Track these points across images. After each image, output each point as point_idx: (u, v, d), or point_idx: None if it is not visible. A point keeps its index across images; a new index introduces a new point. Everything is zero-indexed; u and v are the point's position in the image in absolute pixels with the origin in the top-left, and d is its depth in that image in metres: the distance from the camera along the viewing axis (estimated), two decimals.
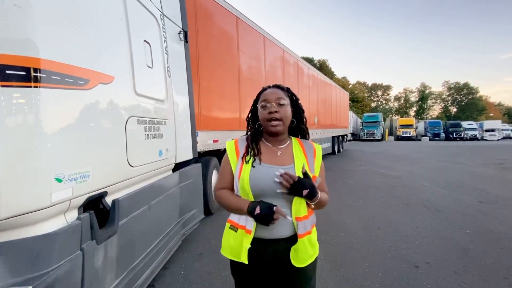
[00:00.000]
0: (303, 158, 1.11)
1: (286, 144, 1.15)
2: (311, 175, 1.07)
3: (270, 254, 1.06)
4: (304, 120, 1.21)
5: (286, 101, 1.11)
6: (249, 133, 1.20)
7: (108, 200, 1.70)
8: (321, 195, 1.06)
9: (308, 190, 1.00)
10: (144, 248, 2.08)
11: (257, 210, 0.98)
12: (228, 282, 2.36)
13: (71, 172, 1.33)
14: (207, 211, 3.95)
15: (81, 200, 1.46)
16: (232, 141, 1.17)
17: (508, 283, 2.35)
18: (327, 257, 2.86)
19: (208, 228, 3.68)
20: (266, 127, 1.11)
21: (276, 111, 1.07)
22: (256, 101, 1.18)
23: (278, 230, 1.04)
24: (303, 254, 1.05)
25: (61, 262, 1.26)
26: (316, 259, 1.13)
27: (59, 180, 1.26)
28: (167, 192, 2.46)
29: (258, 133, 1.17)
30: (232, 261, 1.11)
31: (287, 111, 1.11)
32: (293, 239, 1.05)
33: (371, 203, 4.92)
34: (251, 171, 1.05)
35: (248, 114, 1.22)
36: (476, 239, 3.26)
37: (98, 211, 1.62)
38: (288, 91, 1.16)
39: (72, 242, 1.35)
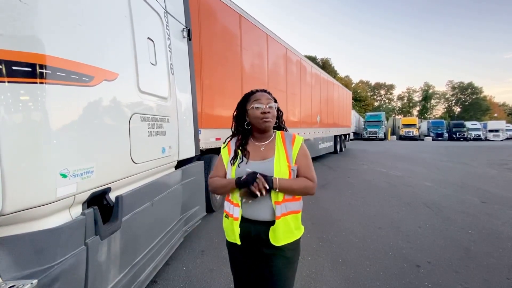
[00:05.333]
0: (283, 149, 1.28)
1: (270, 140, 1.32)
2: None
3: (253, 233, 1.25)
4: (283, 121, 1.42)
5: (273, 104, 1.30)
6: (236, 136, 1.38)
7: (112, 196, 1.71)
8: (287, 182, 1.21)
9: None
10: (147, 244, 2.10)
11: (243, 176, 1.19)
12: (229, 278, 2.37)
13: (76, 168, 1.35)
14: (209, 209, 3.97)
15: (85, 196, 1.47)
16: (226, 147, 1.38)
17: (511, 284, 2.34)
18: (328, 255, 2.87)
19: (210, 226, 3.70)
20: (259, 124, 1.28)
21: (269, 111, 1.27)
22: (243, 103, 1.34)
23: (260, 213, 1.23)
24: (280, 233, 1.21)
25: (66, 256, 1.28)
26: (295, 243, 1.26)
27: (64, 176, 1.28)
28: (169, 189, 2.48)
29: (247, 133, 1.34)
30: (226, 241, 1.34)
31: (275, 112, 1.31)
32: (272, 223, 1.22)
33: (373, 202, 4.91)
34: (236, 171, 1.27)
35: (234, 114, 1.38)
36: (479, 239, 3.25)
37: (102, 207, 1.63)
38: (271, 95, 1.34)
39: (77, 237, 1.37)
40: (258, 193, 1.14)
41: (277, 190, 1.20)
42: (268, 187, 1.15)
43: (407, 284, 2.34)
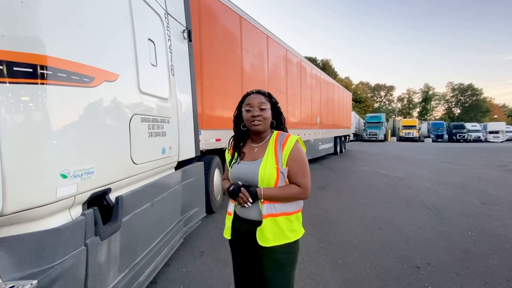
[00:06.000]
0: (273, 151, 1.26)
1: (264, 141, 1.32)
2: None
3: (244, 231, 1.28)
4: (283, 121, 1.39)
5: (267, 105, 1.29)
6: (233, 138, 1.40)
7: (112, 196, 1.71)
8: (272, 191, 1.21)
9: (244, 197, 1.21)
10: (147, 245, 2.10)
11: (230, 188, 1.25)
12: (229, 280, 2.37)
13: (76, 168, 1.35)
14: (209, 210, 3.96)
15: (86, 196, 1.47)
16: (229, 148, 1.42)
17: (510, 286, 2.34)
18: (328, 256, 2.86)
19: (209, 226, 3.70)
20: (249, 127, 1.30)
21: (258, 115, 1.26)
22: (240, 105, 1.35)
23: (250, 212, 1.25)
24: (267, 233, 1.20)
25: (66, 257, 1.28)
26: (288, 246, 1.22)
27: (64, 176, 1.28)
28: (169, 190, 2.48)
29: (245, 134, 1.37)
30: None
31: (268, 114, 1.29)
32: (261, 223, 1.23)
33: (373, 203, 4.91)
34: (231, 171, 1.34)
35: (234, 114, 1.39)
36: (479, 241, 3.24)
37: (102, 207, 1.63)
38: (269, 96, 1.34)
39: (77, 237, 1.37)
40: (243, 205, 1.22)
41: (262, 200, 1.21)
42: (251, 201, 1.20)
43: (407, 286, 2.33)
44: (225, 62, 4.73)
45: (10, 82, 1.13)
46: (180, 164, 2.81)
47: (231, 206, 1.34)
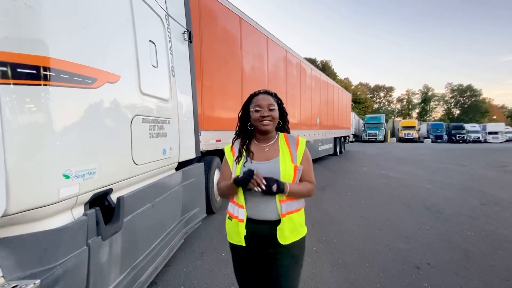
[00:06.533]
0: (287, 150, 1.30)
1: (273, 141, 1.34)
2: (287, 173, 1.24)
3: (259, 232, 1.26)
4: (287, 121, 1.43)
5: (275, 106, 1.32)
6: (241, 136, 1.39)
7: (113, 197, 1.72)
8: (296, 186, 1.24)
9: (275, 185, 1.16)
10: (148, 245, 2.11)
11: (240, 175, 1.19)
12: (229, 280, 2.37)
13: (78, 169, 1.36)
14: (209, 210, 3.97)
15: (88, 197, 1.49)
16: (229, 145, 1.41)
17: (509, 286, 2.35)
18: (328, 257, 2.87)
19: (210, 227, 3.70)
20: (258, 127, 1.31)
21: (268, 115, 1.28)
22: (247, 104, 1.36)
23: (266, 213, 1.24)
24: (286, 231, 1.23)
25: (68, 257, 1.29)
26: (301, 241, 1.29)
27: (66, 177, 1.29)
28: (170, 190, 2.49)
29: (250, 134, 1.37)
30: (229, 243, 1.34)
31: (276, 114, 1.32)
32: (278, 222, 1.24)
33: (373, 204, 4.92)
34: (241, 170, 1.27)
35: (239, 114, 1.40)
36: (478, 241, 3.25)
37: (104, 208, 1.65)
38: (275, 96, 1.36)
39: (79, 237, 1.38)
40: (256, 189, 1.13)
41: (286, 194, 1.22)
42: (265, 183, 1.13)
43: (407, 286, 2.34)
44: (225, 63, 4.75)
45: (14, 84, 1.14)
46: (181, 165, 2.82)
47: (242, 213, 1.25)
